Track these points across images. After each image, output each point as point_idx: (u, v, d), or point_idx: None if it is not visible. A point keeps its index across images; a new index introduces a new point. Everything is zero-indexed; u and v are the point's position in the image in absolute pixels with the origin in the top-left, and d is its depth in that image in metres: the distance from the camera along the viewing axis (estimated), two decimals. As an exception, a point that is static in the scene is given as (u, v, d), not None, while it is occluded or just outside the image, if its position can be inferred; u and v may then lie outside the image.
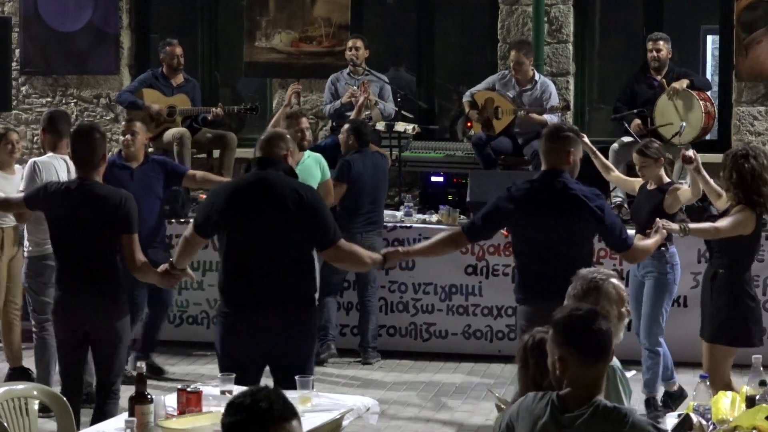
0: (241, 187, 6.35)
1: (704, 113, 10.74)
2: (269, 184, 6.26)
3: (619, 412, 4.10)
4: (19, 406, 5.51)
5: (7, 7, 12.95)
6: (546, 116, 10.93)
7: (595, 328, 4.12)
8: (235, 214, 6.24)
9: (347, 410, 5.63)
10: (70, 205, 6.73)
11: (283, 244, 6.20)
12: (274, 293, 6.17)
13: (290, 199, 6.20)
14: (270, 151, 6.39)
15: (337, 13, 12.33)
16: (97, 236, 6.68)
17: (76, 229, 6.71)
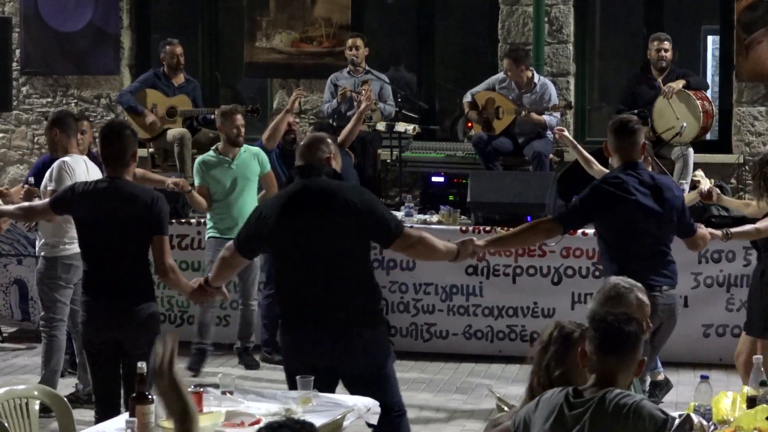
0: (287, 201, 6.02)
1: (702, 112, 10.75)
2: (316, 192, 5.98)
3: (625, 398, 4.16)
4: (20, 406, 5.51)
5: (8, 7, 12.96)
6: (545, 117, 10.94)
7: (611, 321, 4.25)
8: (285, 231, 5.96)
9: (348, 410, 5.63)
10: (100, 205, 6.48)
11: (338, 254, 5.94)
12: (333, 310, 5.92)
13: (341, 204, 5.93)
14: (312, 157, 6.12)
15: (337, 13, 12.33)
16: (128, 237, 6.44)
17: (106, 230, 6.46)
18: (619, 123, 7.08)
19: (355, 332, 5.93)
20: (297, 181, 6.07)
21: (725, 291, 9.57)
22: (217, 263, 6.31)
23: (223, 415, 5.28)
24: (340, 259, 5.94)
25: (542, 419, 4.29)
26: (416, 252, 6.33)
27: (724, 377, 8.85)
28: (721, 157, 11.62)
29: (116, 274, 6.45)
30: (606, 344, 4.25)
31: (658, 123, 10.81)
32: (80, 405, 8.16)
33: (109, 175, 6.59)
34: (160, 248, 6.44)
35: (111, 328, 6.43)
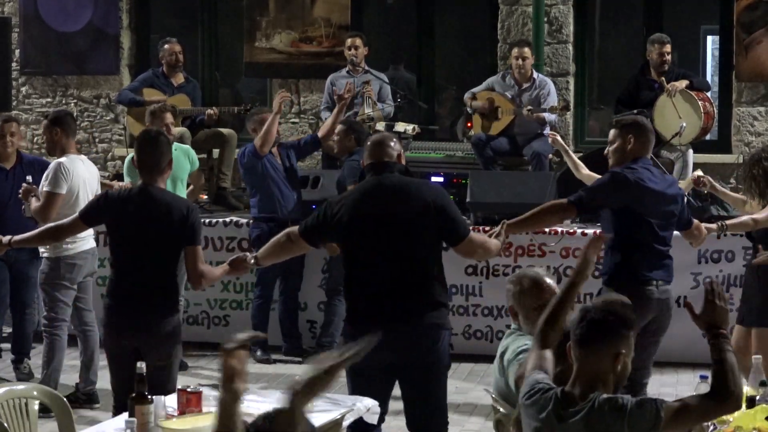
0: (362, 197, 6.08)
1: (704, 113, 10.74)
2: (390, 189, 6.04)
3: (616, 402, 4.13)
4: (19, 406, 5.51)
5: (7, 7, 12.96)
6: (545, 114, 10.95)
7: (588, 318, 4.22)
8: (358, 226, 6.00)
9: (347, 410, 5.63)
10: (134, 213, 6.45)
11: (410, 250, 5.98)
12: (405, 306, 5.94)
13: (415, 201, 5.99)
14: (382, 154, 6.15)
15: (337, 13, 12.33)
16: (160, 246, 6.42)
17: (138, 239, 6.43)
18: (636, 121, 7.30)
19: (424, 329, 5.94)
20: (370, 178, 6.13)
21: (725, 291, 9.54)
22: (273, 245, 6.32)
23: (222, 415, 5.27)
24: (412, 256, 5.97)
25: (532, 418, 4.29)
26: (477, 255, 6.58)
27: (724, 377, 8.84)
28: (721, 157, 11.62)
29: (144, 282, 6.42)
30: (580, 338, 4.24)
31: (658, 122, 10.79)
32: (80, 405, 8.17)
33: (144, 182, 6.54)
34: (194, 258, 6.43)
35: (132, 336, 6.40)
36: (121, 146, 12.57)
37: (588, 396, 4.17)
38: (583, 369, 4.24)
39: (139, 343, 6.36)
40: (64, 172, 8.13)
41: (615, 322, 4.25)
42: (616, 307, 4.33)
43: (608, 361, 4.21)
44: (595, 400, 4.15)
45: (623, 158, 7.05)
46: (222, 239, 10.34)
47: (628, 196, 6.92)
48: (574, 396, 4.20)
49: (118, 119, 12.77)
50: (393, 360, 5.86)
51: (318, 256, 10.17)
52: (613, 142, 7.12)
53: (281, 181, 9.90)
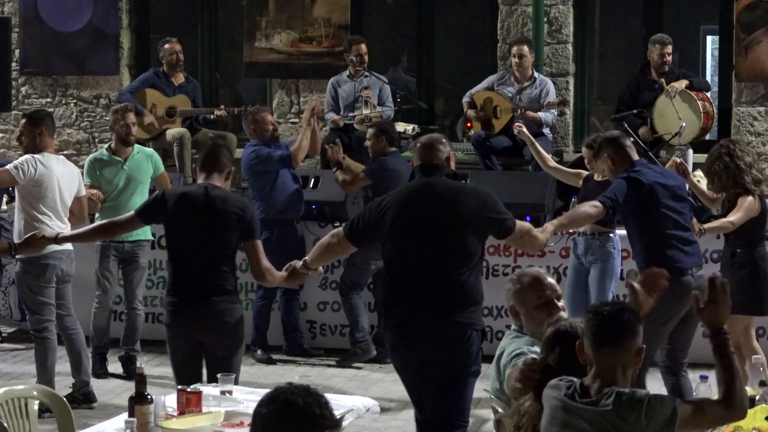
0: (409, 198, 6.20)
1: (703, 113, 10.75)
2: (438, 191, 6.16)
3: (634, 395, 4.18)
4: (19, 406, 5.51)
5: (7, 7, 12.96)
6: (541, 114, 10.96)
7: (604, 313, 4.27)
8: (404, 226, 6.11)
9: (347, 410, 5.63)
10: (194, 210, 6.59)
11: (452, 254, 6.08)
12: (445, 305, 6.04)
13: (460, 207, 6.11)
14: (432, 156, 6.31)
15: (336, 13, 12.33)
16: (219, 242, 6.56)
17: (198, 236, 6.57)
18: (604, 139, 7.57)
19: (462, 328, 6.04)
20: (419, 179, 6.26)
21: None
22: (320, 248, 6.43)
23: (222, 415, 5.28)
24: (452, 259, 6.07)
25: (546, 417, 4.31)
26: (525, 246, 6.77)
27: (724, 377, 8.84)
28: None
29: (205, 278, 6.55)
30: (600, 336, 4.27)
31: (658, 123, 10.80)
32: (77, 405, 8.17)
33: (202, 181, 6.71)
34: (255, 252, 6.60)
35: (195, 330, 6.57)
36: (121, 146, 12.56)
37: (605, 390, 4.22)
38: (605, 366, 4.26)
39: (202, 336, 6.55)
40: (31, 163, 8.10)
41: (632, 317, 4.30)
42: (624, 303, 4.42)
43: (631, 357, 4.27)
44: (613, 392, 4.19)
45: (617, 171, 7.29)
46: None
47: (645, 193, 7.17)
48: (593, 389, 4.25)
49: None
50: (432, 356, 6.01)
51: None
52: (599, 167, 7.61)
53: (289, 183, 9.91)
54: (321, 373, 9.49)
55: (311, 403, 3.15)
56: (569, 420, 4.23)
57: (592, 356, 4.29)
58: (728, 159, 7.82)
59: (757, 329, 9.57)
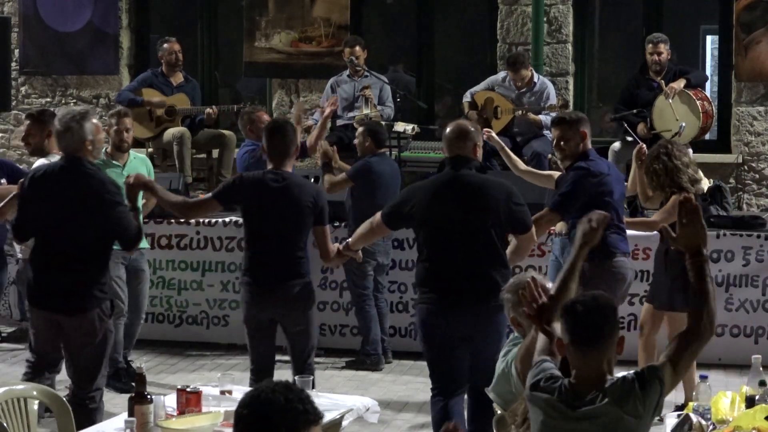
0: (439, 189, 6.65)
1: (702, 113, 10.75)
2: (465, 185, 6.62)
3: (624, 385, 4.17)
4: (19, 406, 5.51)
5: (7, 7, 12.96)
6: (541, 116, 10.96)
7: (579, 312, 4.22)
8: (434, 216, 6.61)
9: (347, 410, 5.64)
10: (270, 195, 6.99)
11: (482, 239, 6.58)
12: (471, 290, 6.55)
13: (487, 200, 6.58)
14: (460, 148, 6.70)
15: (336, 13, 12.34)
16: (294, 226, 7.02)
17: (275, 219, 6.98)
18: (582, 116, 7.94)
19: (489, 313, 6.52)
20: (447, 171, 6.70)
21: (724, 291, 9.57)
22: (361, 231, 7.07)
23: (221, 414, 5.28)
24: (480, 248, 6.57)
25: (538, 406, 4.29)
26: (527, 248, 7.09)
27: (723, 377, 8.86)
28: (720, 156, 11.62)
29: (281, 262, 7.02)
30: (580, 339, 4.21)
31: (657, 123, 10.80)
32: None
33: (274, 167, 7.10)
34: (324, 237, 7.18)
35: (270, 308, 7.06)
36: (121, 146, 12.56)
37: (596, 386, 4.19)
38: (590, 365, 4.21)
39: (277, 314, 7.07)
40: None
41: (607, 311, 4.26)
42: (598, 297, 4.33)
43: (612, 350, 4.24)
44: (606, 390, 4.16)
45: (576, 153, 7.68)
46: (222, 239, 10.34)
47: (601, 186, 7.60)
48: (582, 388, 4.21)
49: (118, 119, 12.76)
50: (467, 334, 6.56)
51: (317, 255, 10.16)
52: (566, 139, 7.68)
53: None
54: (321, 373, 9.49)
55: (293, 399, 3.14)
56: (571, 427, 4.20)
57: (574, 357, 4.23)
58: (666, 159, 8.00)
59: (757, 329, 9.60)
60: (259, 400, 3.16)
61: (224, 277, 10.33)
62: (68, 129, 6.65)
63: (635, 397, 4.15)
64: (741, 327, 9.61)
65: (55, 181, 6.64)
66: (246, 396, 3.22)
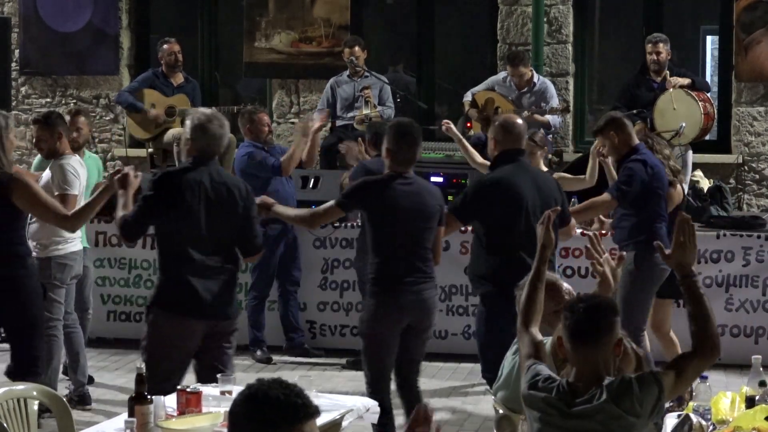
0: (512, 181, 7.09)
1: (703, 114, 10.74)
2: (531, 176, 7.13)
3: (622, 385, 4.19)
4: (19, 406, 5.51)
5: (7, 8, 12.96)
6: (548, 117, 10.96)
7: (580, 310, 4.25)
8: (513, 209, 7.00)
9: (347, 410, 5.64)
10: (400, 200, 6.89)
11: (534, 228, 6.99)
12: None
13: (553, 189, 7.17)
14: (519, 140, 7.20)
15: (336, 13, 12.34)
16: (423, 228, 6.94)
17: (404, 223, 6.89)
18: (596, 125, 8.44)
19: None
20: (519, 166, 7.18)
21: (724, 291, 9.57)
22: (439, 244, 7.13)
23: (221, 415, 5.27)
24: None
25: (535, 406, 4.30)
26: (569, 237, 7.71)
27: (723, 377, 8.85)
28: (720, 157, 11.63)
29: (414, 264, 6.92)
30: (577, 335, 4.25)
31: (658, 123, 10.80)
32: (73, 406, 8.15)
33: (401, 171, 6.99)
34: (440, 238, 7.12)
35: (408, 316, 6.92)
36: (121, 146, 12.58)
37: (594, 385, 4.21)
38: (586, 364, 4.25)
39: (410, 319, 6.94)
40: (73, 173, 8.05)
41: (607, 311, 4.29)
42: (600, 298, 4.41)
43: (610, 350, 4.26)
44: (603, 388, 4.19)
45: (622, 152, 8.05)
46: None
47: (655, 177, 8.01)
48: (580, 387, 4.23)
49: (118, 119, 12.77)
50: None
51: (318, 256, 10.18)
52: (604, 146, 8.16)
53: (283, 184, 9.90)
54: (321, 373, 9.49)
55: (290, 395, 3.14)
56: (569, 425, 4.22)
57: (571, 354, 4.28)
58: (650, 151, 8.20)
59: (757, 329, 9.60)
60: (258, 398, 3.15)
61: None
62: (205, 130, 6.45)
63: (633, 396, 4.17)
64: (741, 327, 9.61)
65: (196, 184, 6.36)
66: (241, 395, 3.20)
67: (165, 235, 6.43)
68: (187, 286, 6.30)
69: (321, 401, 5.57)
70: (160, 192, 6.38)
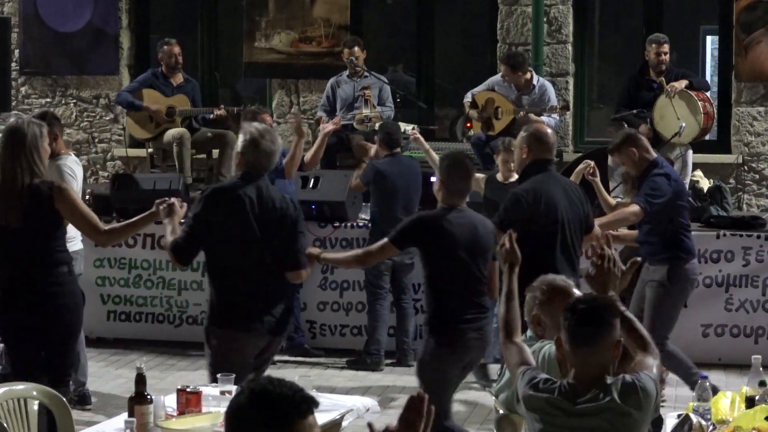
0: (550, 191, 7.04)
1: (703, 114, 10.73)
2: (563, 186, 7.15)
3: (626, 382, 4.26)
4: (19, 406, 5.51)
5: (7, 7, 12.96)
6: (543, 117, 10.95)
7: (580, 311, 4.28)
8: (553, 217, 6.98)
9: (347, 410, 5.64)
10: (455, 235, 6.69)
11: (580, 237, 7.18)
12: None
13: (582, 199, 7.18)
14: (550, 150, 7.21)
15: (336, 13, 12.33)
16: (483, 263, 6.77)
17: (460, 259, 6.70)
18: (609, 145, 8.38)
19: None
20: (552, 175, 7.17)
21: (724, 291, 9.57)
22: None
23: (221, 415, 5.27)
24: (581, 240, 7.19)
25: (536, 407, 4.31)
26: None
27: (723, 377, 8.86)
28: (720, 157, 11.62)
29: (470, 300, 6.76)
30: (576, 336, 4.27)
31: (658, 123, 10.79)
32: (73, 406, 8.14)
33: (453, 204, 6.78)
34: (494, 271, 6.87)
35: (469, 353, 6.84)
36: (121, 146, 12.58)
37: (596, 386, 4.24)
38: (585, 364, 4.27)
39: (474, 356, 6.93)
40: (71, 173, 8.05)
41: (607, 313, 4.31)
42: (600, 299, 4.42)
43: (610, 352, 4.28)
44: (608, 387, 4.22)
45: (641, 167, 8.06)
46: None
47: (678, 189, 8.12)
48: (581, 387, 4.26)
49: (118, 119, 12.77)
50: None
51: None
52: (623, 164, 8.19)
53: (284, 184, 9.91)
54: (321, 373, 9.49)
55: (295, 389, 3.17)
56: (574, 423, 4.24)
57: (571, 355, 4.29)
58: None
59: (757, 329, 9.60)
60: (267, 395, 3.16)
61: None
62: (256, 145, 6.37)
63: (639, 394, 4.23)
64: (741, 327, 9.61)
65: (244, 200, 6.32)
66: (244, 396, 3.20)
67: (215, 252, 6.40)
68: (241, 303, 6.33)
69: (321, 401, 5.59)
70: (208, 209, 6.35)
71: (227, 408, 3.23)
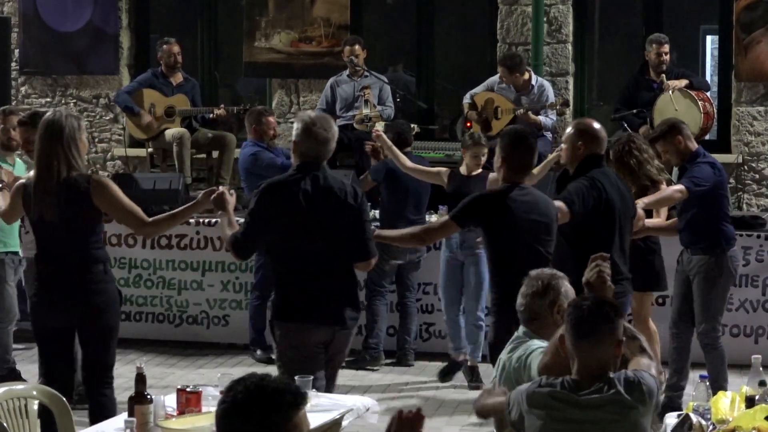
0: (607, 185, 6.98)
1: (703, 113, 10.74)
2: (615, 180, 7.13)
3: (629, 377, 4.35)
4: (19, 406, 5.51)
5: (7, 7, 12.96)
6: (540, 117, 10.96)
7: (584, 307, 4.37)
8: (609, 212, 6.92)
9: (347, 410, 5.64)
10: (519, 212, 6.46)
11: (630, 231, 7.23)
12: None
13: (629, 194, 7.23)
14: (604, 146, 7.21)
15: (336, 13, 12.33)
16: (548, 241, 6.54)
17: (527, 237, 6.45)
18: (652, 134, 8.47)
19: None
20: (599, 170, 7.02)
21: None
22: None
23: (222, 415, 5.27)
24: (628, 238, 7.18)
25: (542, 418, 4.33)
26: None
27: (723, 377, 8.85)
28: (720, 156, 11.57)
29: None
30: (578, 330, 4.36)
31: (658, 122, 10.79)
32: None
33: (516, 181, 6.58)
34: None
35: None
36: (121, 146, 12.58)
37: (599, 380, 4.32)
38: (586, 359, 4.35)
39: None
40: None
41: (610, 311, 4.39)
42: (605, 297, 4.52)
43: (612, 350, 4.36)
44: (613, 381, 4.30)
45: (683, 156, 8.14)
46: (222, 239, 10.33)
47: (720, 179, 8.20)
48: (584, 382, 4.34)
49: (118, 119, 12.77)
50: None
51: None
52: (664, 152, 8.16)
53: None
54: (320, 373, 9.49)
55: (286, 382, 3.21)
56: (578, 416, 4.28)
57: (572, 349, 4.38)
58: (638, 153, 8.10)
59: (757, 328, 9.60)
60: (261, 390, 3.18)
61: (224, 277, 10.32)
62: (309, 133, 6.23)
63: (643, 388, 4.32)
64: (741, 327, 9.61)
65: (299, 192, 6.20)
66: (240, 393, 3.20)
67: (275, 247, 6.32)
68: (300, 295, 6.24)
69: (321, 401, 5.59)
70: (262, 205, 6.25)
71: (220, 409, 3.22)
